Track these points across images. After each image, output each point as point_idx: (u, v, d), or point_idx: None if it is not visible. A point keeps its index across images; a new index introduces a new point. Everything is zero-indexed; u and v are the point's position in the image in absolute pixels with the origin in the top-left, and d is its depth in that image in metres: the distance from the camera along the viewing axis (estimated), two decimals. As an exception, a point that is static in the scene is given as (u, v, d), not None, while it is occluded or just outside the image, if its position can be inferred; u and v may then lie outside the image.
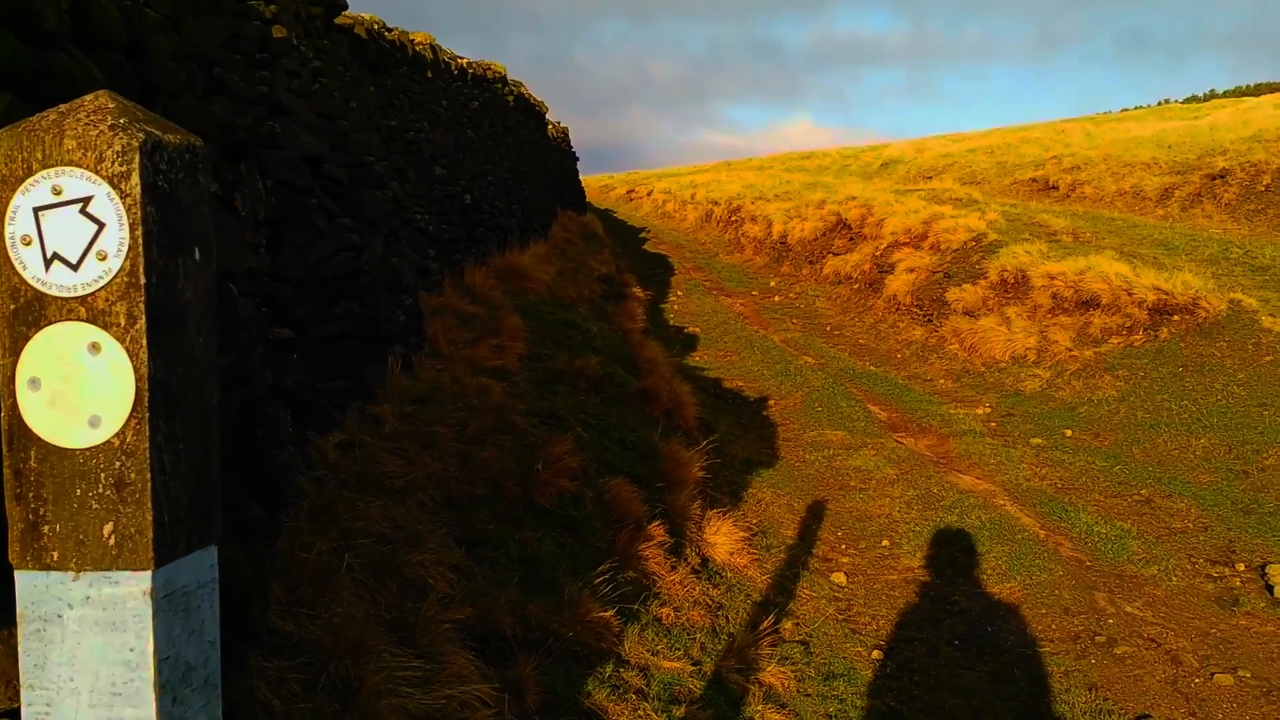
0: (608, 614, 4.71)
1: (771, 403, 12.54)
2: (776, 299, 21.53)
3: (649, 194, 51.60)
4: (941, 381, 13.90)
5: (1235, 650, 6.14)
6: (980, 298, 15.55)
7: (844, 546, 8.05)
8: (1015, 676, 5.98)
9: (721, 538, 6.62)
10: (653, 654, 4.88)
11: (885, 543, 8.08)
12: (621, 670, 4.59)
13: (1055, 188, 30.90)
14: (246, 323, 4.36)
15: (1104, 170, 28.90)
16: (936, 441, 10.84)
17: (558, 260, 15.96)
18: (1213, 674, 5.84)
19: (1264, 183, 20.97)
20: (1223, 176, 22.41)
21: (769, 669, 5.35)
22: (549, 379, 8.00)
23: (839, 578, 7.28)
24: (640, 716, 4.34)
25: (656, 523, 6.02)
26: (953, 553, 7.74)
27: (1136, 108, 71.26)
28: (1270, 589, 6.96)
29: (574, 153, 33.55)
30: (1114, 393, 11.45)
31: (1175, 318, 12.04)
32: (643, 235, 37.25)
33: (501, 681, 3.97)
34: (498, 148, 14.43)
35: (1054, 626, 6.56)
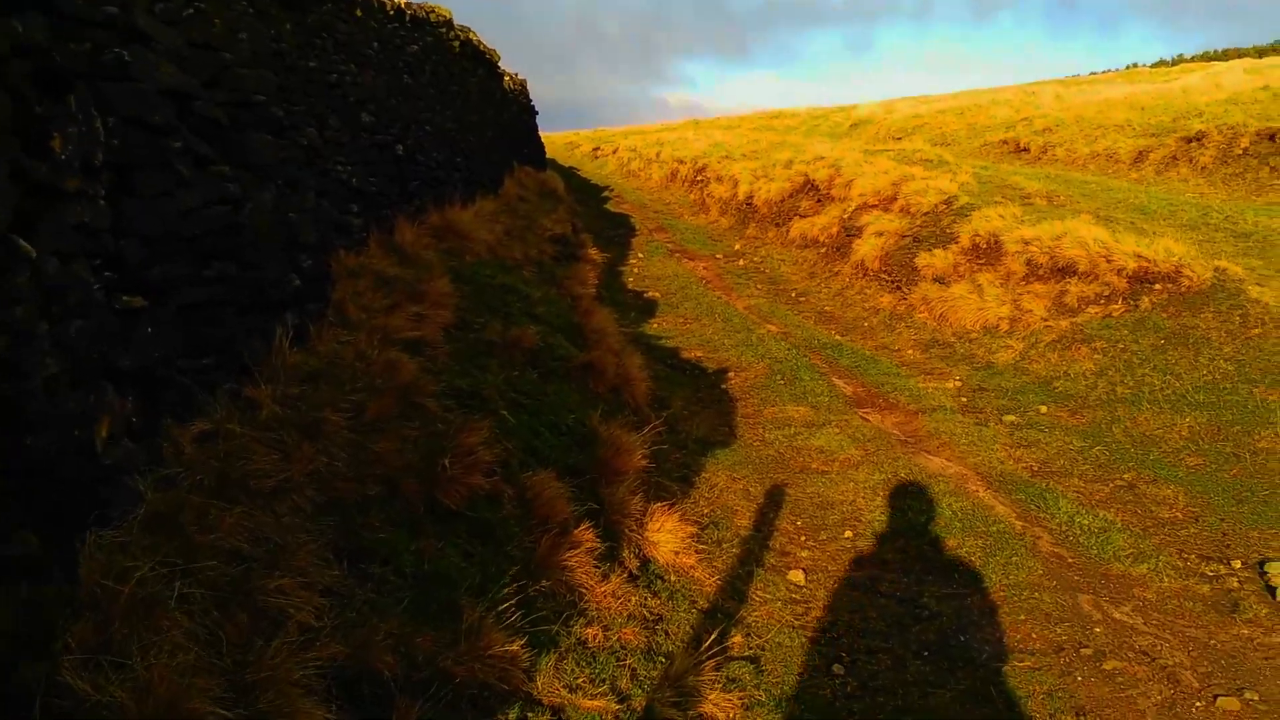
0: (515, 645, 3.91)
1: (731, 375, 11.76)
2: (741, 263, 20.72)
3: (614, 152, 50.64)
4: (910, 352, 13.18)
5: (1239, 666, 5.46)
6: (951, 264, 14.82)
7: (803, 538, 7.31)
8: (992, 696, 5.27)
9: (666, 535, 5.84)
10: (571, 690, 4.10)
11: (848, 534, 7.34)
12: (530, 715, 3.80)
13: (1026, 150, 30.24)
14: (58, 290, 3.49)
15: (1076, 132, 28.24)
16: (904, 418, 10.11)
17: (506, 218, 15.03)
18: (1216, 696, 5.15)
19: (1242, 145, 20.34)
20: (1199, 139, 21.77)
21: (712, 697, 4.59)
22: (477, 352, 7.16)
23: (796, 576, 6.54)
24: (548, 775, 3.57)
25: (587, 524, 5.22)
26: (921, 546, 7.02)
27: (1105, 71, 70.90)
28: (1272, 591, 6.29)
29: (533, 106, 32.38)
30: (1092, 366, 10.76)
31: (1157, 286, 11.36)
32: (605, 194, 36.27)
33: (367, 744, 3.17)
34: (440, 96, 13.42)
35: (1034, 635, 5.85)
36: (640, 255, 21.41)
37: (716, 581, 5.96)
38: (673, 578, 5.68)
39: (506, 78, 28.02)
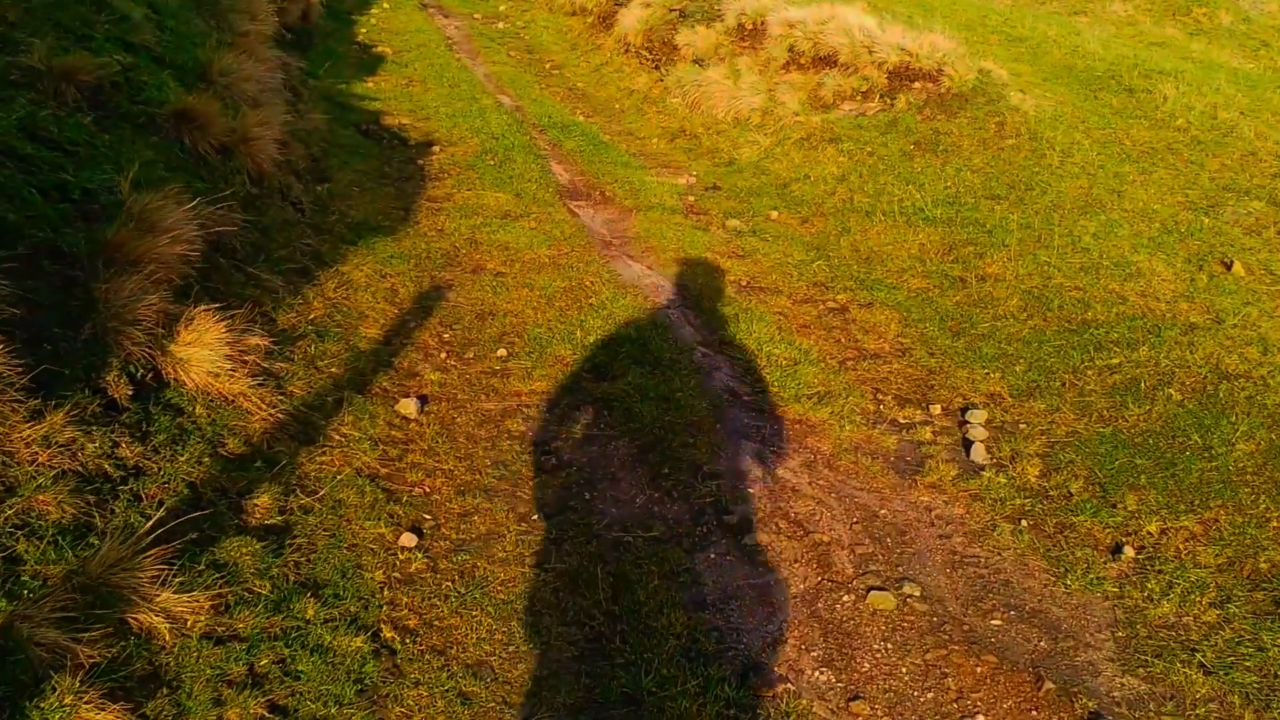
0: None
1: (436, 150, 10.00)
2: (500, 25, 18.48)
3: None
4: (655, 141, 11.73)
5: (906, 547, 4.50)
6: (714, 44, 13.25)
7: (444, 355, 5.89)
8: (597, 579, 4.12)
9: (203, 350, 4.27)
10: None
11: (501, 352, 5.98)
12: None
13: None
14: None
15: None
16: (617, 215, 8.72)
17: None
18: (870, 588, 4.16)
19: (1036, -50, 19.34)
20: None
21: (161, 599, 3.18)
22: (-6, 82, 5.16)
23: (407, 406, 5.14)
24: None
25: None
26: (580, 375, 5.75)
27: None
28: (967, 446, 5.39)
29: None
30: (835, 169, 9.63)
31: (917, 85, 10.22)
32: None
33: None
34: None
35: (675, 498, 4.72)
36: (387, 6, 18.77)
37: (275, 416, 4.47)
38: (199, 410, 4.16)
39: None
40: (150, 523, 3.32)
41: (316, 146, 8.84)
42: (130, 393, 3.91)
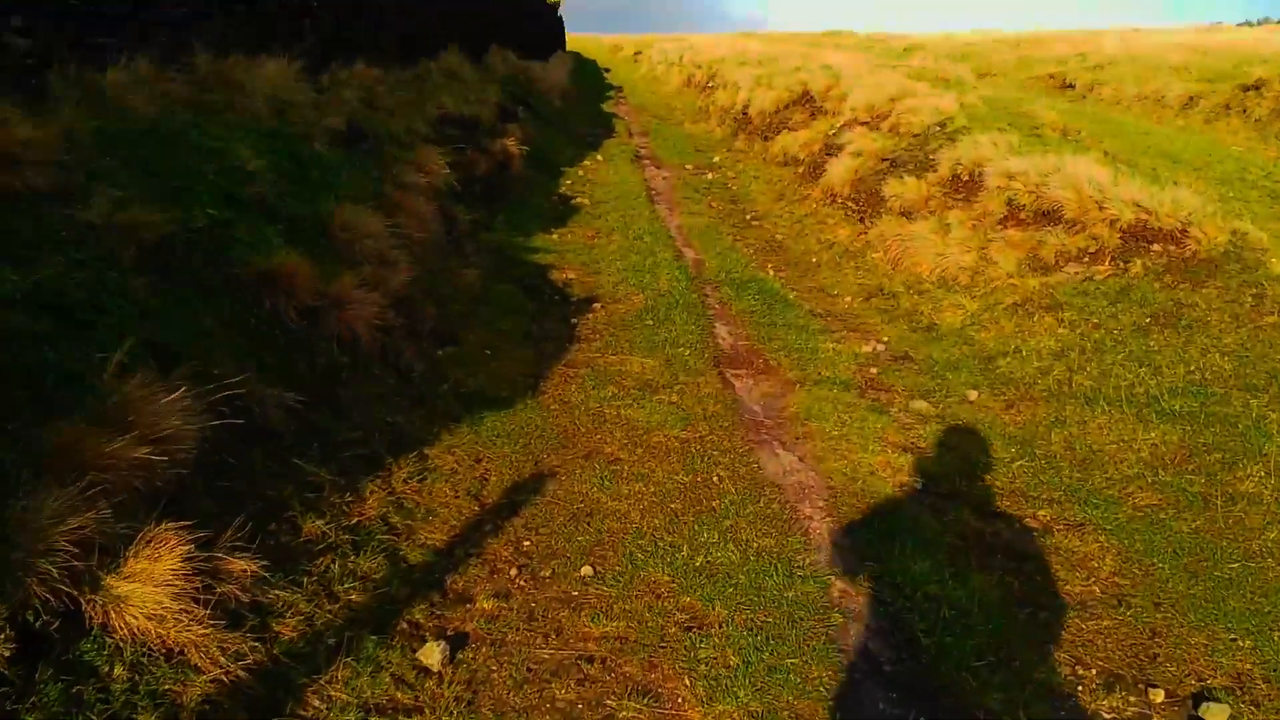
0: None
1: (597, 307, 9.18)
2: (710, 176, 17.96)
3: (649, 57, 47.95)
4: (847, 300, 10.50)
5: None
6: (923, 195, 12.02)
7: (514, 572, 4.79)
8: None
9: (143, 587, 3.35)
10: None
11: (585, 570, 4.82)
12: None
13: (1072, 86, 26.96)
14: None
15: (1128, 72, 24.88)
16: (778, 389, 7.50)
17: (394, 89, 12.34)
18: None
19: (1309, 95, 17.10)
20: (1257, 88, 18.50)
21: None
22: (49, 236, 4.64)
23: (431, 654, 4.00)
24: None
25: None
26: (669, 615, 4.49)
27: (1179, 26, 66.03)
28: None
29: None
30: (1052, 343, 8.07)
31: (1155, 247, 8.56)
32: (611, 94, 33.35)
33: None
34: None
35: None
36: (600, 158, 18.69)
37: (233, 674, 3.46)
38: (117, 671, 3.18)
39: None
40: None
41: (460, 304, 8.16)
42: (10, 652, 3.00)
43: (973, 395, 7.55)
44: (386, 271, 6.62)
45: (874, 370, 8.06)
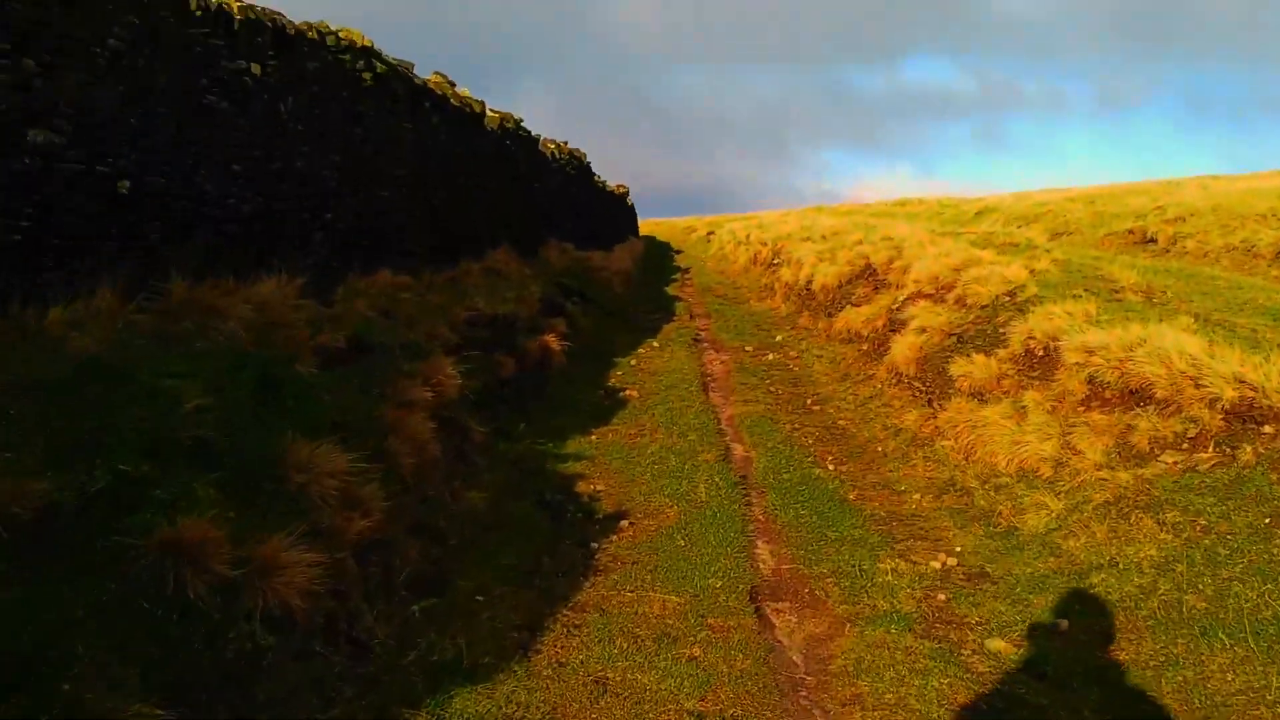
0: None
1: (624, 525, 8.16)
2: (770, 357, 17.11)
3: (719, 236, 48.36)
4: (915, 498, 9.32)
5: None
6: (994, 374, 10.90)
7: None
8: None
9: None
10: None
11: None
12: None
13: (1154, 241, 25.79)
14: None
15: (1212, 222, 23.71)
16: (825, 630, 6.29)
17: (423, 292, 11.85)
18: None
19: None
20: (1363, 228, 17.17)
21: None
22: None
23: None
24: None
25: None
26: None
27: (1258, 172, 64.48)
28: None
29: (589, 174, 29.55)
30: (1154, 551, 6.77)
31: (1267, 429, 7.29)
32: (677, 276, 33.13)
33: None
34: (315, 134, 10.40)
35: None
36: (655, 345, 18.01)
37: None
38: None
39: (554, 146, 25.43)
40: None
41: (458, 536, 7.22)
42: None
43: (1064, 625, 6.27)
44: (346, 517, 5.72)
45: (942, 597, 6.82)
